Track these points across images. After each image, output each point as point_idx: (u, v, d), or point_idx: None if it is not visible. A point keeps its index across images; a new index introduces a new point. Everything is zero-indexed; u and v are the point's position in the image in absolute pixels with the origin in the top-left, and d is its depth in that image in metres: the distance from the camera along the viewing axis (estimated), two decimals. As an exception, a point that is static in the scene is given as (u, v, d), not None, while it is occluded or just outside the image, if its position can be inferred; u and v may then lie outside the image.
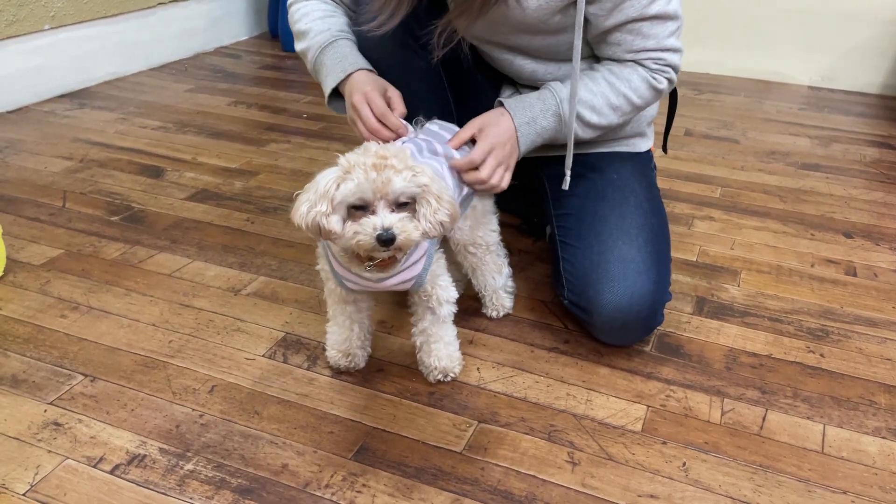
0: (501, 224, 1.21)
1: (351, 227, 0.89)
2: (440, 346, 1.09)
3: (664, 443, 1.02)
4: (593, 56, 1.20)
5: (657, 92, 1.16)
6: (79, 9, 2.35)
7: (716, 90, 2.61)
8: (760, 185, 1.85)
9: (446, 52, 1.13)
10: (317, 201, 0.88)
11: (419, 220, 0.91)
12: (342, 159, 0.90)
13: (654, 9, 1.08)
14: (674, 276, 1.42)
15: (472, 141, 1.12)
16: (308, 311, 1.28)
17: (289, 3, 1.26)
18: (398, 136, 1.10)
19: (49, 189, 1.71)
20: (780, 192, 1.82)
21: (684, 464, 0.99)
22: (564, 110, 1.14)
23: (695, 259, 1.50)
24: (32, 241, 1.49)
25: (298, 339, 1.21)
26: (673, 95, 1.38)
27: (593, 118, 1.15)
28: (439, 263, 1.05)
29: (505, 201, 1.53)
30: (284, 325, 1.25)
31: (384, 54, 1.18)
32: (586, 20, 1.10)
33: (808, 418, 1.08)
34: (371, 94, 1.11)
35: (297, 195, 0.92)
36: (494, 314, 1.27)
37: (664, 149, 1.49)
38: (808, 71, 2.70)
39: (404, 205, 0.91)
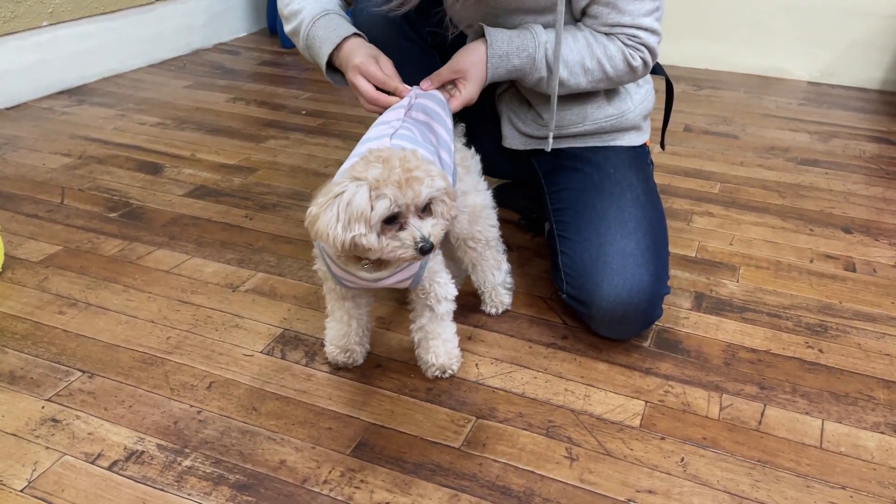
0: (500, 220, 1.21)
1: (389, 242, 0.89)
2: (438, 343, 1.09)
3: (662, 438, 1.02)
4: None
5: (630, 68, 1.16)
6: (77, 5, 2.35)
7: (715, 86, 2.61)
8: (759, 181, 1.85)
9: (438, 38, 1.14)
10: (351, 222, 0.87)
11: (438, 219, 0.92)
12: (369, 176, 0.88)
13: None
14: (672, 272, 1.42)
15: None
16: (306, 307, 1.28)
17: None
18: (401, 98, 1.12)
19: (47, 185, 1.71)
20: (780, 187, 1.82)
21: (682, 459, 0.99)
22: (539, 55, 1.13)
23: (693, 254, 1.50)
24: (30, 237, 1.49)
25: (297, 336, 1.21)
26: (669, 91, 1.38)
27: (563, 73, 1.15)
28: (437, 260, 1.04)
29: (504, 197, 1.53)
30: (282, 321, 1.25)
31: (381, 43, 1.18)
32: None
33: (806, 413, 1.08)
34: (363, 65, 1.11)
35: (316, 209, 0.89)
36: (493, 311, 1.27)
37: (661, 145, 1.48)
38: (808, 66, 2.70)
39: (425, 207, 0.91)
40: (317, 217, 0.89)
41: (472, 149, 1.19)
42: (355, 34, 1.17)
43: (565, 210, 1.23)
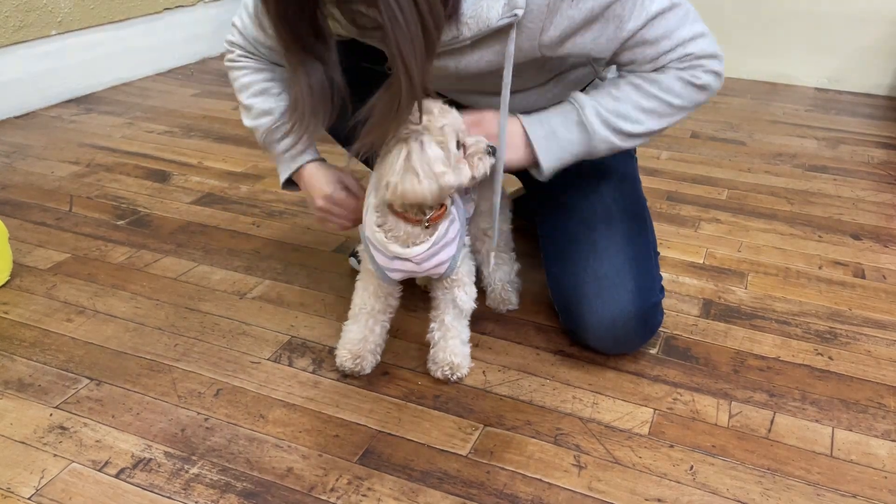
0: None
1: (465, 167, 0.98)
2: (457, 343, 1.10)
3: (671, 446, 1.01)
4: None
5: (699, 88, 1.02)
6: (85, 14, 2.36)
7: (722, 92, 2.60)
8: (767, 187, 1.85)
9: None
10: (434, 168, 0.94)
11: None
12: (420, 128, 0.94)
13: (643, 17, 0.95)
14: (680, 279, 1.42)
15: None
16: (313, 314, 1.28)
17: (225, 64, 1.19)
18: None
19: (56, 193, 1.72)
20: (788, 193, 1.82)
21: (692, 467, 0.98)
22: (590, 119, 1.03)
23: (701, 261, 1.49)
24: (39, 245, 1.49)
25: (304, 343, 1.21)
26: None
27: (626, 126, 1.03)
28: (465, 252, 1.09)
29: (519, 208, 1.53)
30: (290, 328, 1.24)
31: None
32: (593, 55, 1.01)
33: (816, 421, 1.07)
34: (334, 195, 1.14)
35: (395, 178, 0.93)
36: (502, 308, 1.28)
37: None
38: (815, 73, 2.69)
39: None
40: (397, 184, 0.94)
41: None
42: (311, 161, 1.15)
43: (544, 238, 1.24)
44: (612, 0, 0.93)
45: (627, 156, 1.27)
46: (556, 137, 1.05)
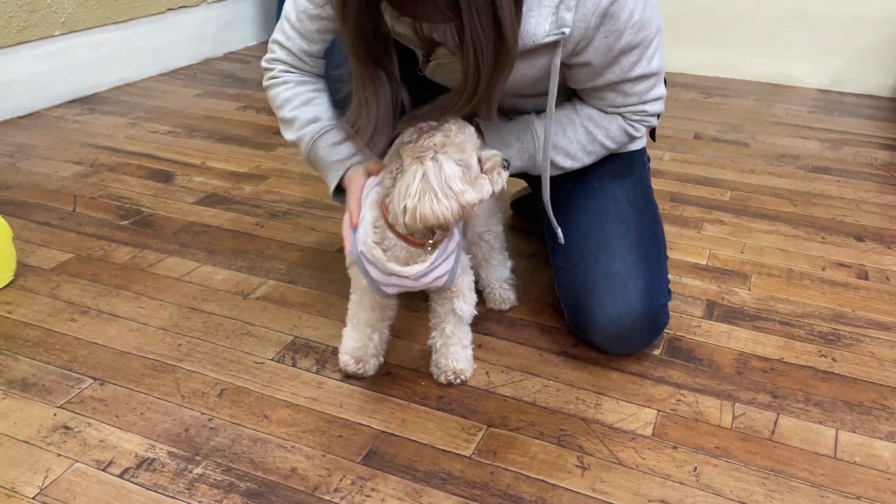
0: (511, 227, 1.21)
1: (484, 183, 0.96)
2: (458, 349, 1.10)
3: (675, 447, 1.01)
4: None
5: (633, 138, 1.15)
6: (89, 14, 2.37)
7: (725, 93, 2.60)
8: (770, 189, 1.85)
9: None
10: (453, 187, 0.91)
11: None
12: (436, 144, 0.92)
13: (637, 71, 1.04)
14: (683, 280, 1.42)
15: None
16: (317, 314, 1.28)
17: (265, 84, 1.18)
18: None
19: (59, 193, 1.72)
20: (791, 195, 1.81)
21: (695, 469, 0.98)
22: (540, 156, 1.12)
23: (704, 263, 1.49)
24: (43, 245, 1.49)
25: (307, 343, 1.21)
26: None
27: (566, 163, 1.14)
28: (464, 262, 1.07)
29: (521, 208, 1.53)
30: (293, 328, 1.25)
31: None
32: (570, 80, 1.08)
33: (820, 423, 1.07)
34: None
35: (412, 202, 0.90)
36: (503, 306, 1.29)
37: (652, 136, 1.38)
38: (818, 74, 2.69)
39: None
40: (415, 208, 0.90)
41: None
42: (357, 164, 1.11)
43: (555, 235, 1.23)
44: (634, 45, 1.00)
45: (642, 160, 1.28)
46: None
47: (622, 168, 1.23)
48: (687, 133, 2.20)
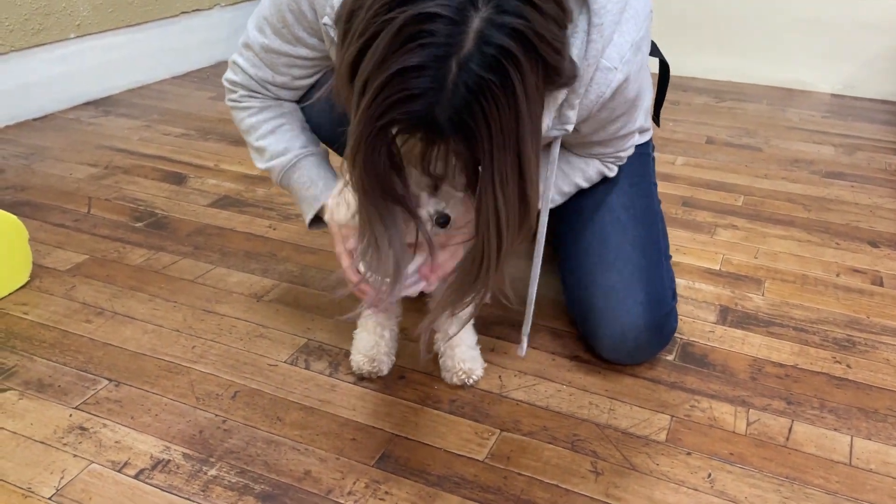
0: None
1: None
2: (463, 350, 1.10)
3: (689, 453, 1.01)
4: None
5: (606, 177, 1.15)
6: (104, 17, 2.38)
7: (737, 98, 2.59)
8: (784, 194, 1.84)
9: None
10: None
11: None
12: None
13: (622, 132, 1.04)
14: (697, 285, 1.41)
15: None
16: (329, 317, 1.29)
17: (227, 103, 1.13)
18: None
19: (74, 195, 1.73)
20: (805, 200, 1.81)
21: (710, 475, 0.98)
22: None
23: (718, 268, 1.48)
24: (58, 246, 1.50)
25: (320, 346, 1.21)
26: (664, 67, 1.29)
27: (539, 204, 1.09)
28: None
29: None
30: (306, 331, 1.25)
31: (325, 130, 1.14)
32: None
33: (835, 430, 1.06)
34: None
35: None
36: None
37: (657, 121, 1.36)
38: (831, 78, 2.68)
39: None
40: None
41: None
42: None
43: (559, 247, 1.23)
44: (624, 113, 0.99)
45: (641, 157, 1.23)
46: None
47: (623, 166, 1.18)
48: (699, 137, 2.20)
